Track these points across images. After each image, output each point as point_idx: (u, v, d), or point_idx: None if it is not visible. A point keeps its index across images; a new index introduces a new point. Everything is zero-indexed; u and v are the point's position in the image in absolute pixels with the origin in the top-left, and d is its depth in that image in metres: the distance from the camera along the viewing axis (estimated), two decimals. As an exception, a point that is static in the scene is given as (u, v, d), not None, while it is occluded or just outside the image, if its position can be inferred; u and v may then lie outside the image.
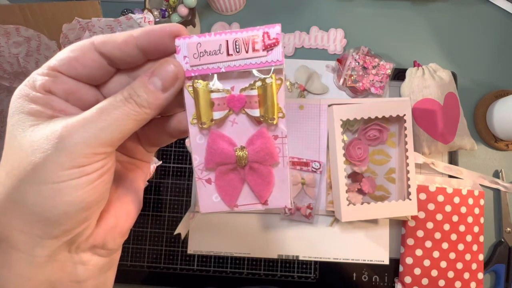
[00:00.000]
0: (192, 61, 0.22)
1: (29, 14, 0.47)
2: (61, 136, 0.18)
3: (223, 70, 0.22)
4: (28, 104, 0.20)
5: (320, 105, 0.58)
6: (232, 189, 0.24)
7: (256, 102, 0.22)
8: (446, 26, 0.64)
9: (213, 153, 0.23)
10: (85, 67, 0.21)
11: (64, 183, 0.18)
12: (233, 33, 0.21)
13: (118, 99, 0.20)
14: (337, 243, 0.58)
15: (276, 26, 0.21)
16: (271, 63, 0.22)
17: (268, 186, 0.24)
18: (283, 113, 0.22)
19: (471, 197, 0.56)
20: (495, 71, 0.63)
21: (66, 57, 0.20)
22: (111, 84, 0.23)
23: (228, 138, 0.23)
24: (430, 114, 0.56)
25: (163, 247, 0.58)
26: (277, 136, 0.23)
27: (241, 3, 0.64)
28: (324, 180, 0.57)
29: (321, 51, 0.64)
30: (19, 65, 0.49)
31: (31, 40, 0.47)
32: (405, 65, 0.61)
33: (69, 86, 0.21)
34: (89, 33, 0.46)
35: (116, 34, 0.21)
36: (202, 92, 0.22)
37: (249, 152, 0.23)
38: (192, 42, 0.21)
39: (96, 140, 0.19)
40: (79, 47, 0.21)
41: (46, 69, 0.20)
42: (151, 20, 0.43)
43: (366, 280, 0.57)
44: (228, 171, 0.24)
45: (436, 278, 0.54)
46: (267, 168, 0.23)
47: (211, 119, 0.22)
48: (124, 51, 0.21)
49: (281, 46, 0.22)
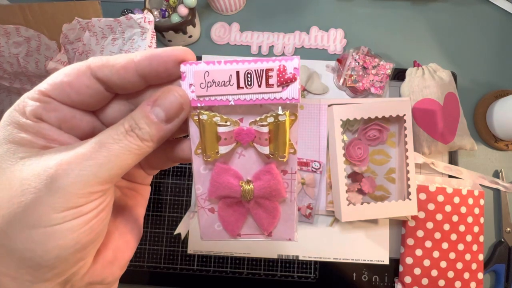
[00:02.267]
0: (199, 91, 0.20)
1: (29, 14, 0.47)
2: (55, 174, 0.17)
3: (232, 103, 0.20)
4: (18, 132, 0.18)
5: (320, 105, 0.58)
6: (235, 220, 0.23)
7: (266, 140, 0.20)
8: (446, 26, 0.64)
9: (217, 187, 0.22)
10: (80, 93, 0.19)
11: (57, 226, 0.17)
12: (246, 63, 0.19)
13: (118, 132, 0.18)
14: (337, 243, 0.58)
15: (294, 58, 0.19)
16: (285, 100, 0.19)
17: (273, 220, 0.23)
18: (294, 149, 0.21)
19: (471, 197, 0.56)
20: (495, 71, 0.63)
21: (59, 82, 0.19)
22: (109, 110, 0.21)
23: (234, 171, 0.22)
24: (430, 114, 0.56)
25: (163, 247, 0.58)
26: (286, 172, 0.22)
27: (241, 3, 0.64)
28: (324, 180, 0.57)
29: (321, 51, 0.64)
30: (19, 65, 0.49)
31: (31, 40, 0.47)
32: (405, 65, 0.61)
33: (62, 113, 0.19)
34: (89, 33, 0.46)
35: (115, 58, 0.19)
36: (208, 125, 0.20)
37: (256, 187, 0.22)
38: (200, 70, 0.19)
39: (94, 179, 0.17)
40: (73, 71, 0.19)
41: (38, 93, 0.18)
42: (151, 20, 0.43)
43: (366, 280, 0.57)
44: (232, 204, 0.23)
45: (436, 278, 0.54)
46: (273, 203, 0.22)
47: (216, 152, 0.21)
48: (123, 77, 0.19)
49: (298, 82, 0.19)
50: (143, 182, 0.25)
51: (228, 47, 0.64)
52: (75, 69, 0.19)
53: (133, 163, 0.19)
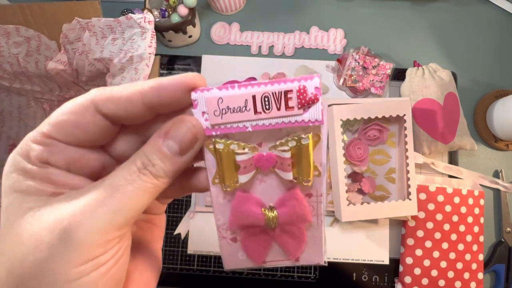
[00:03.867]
0: (213, 119, 0.18)
1: (29, 14, 0.47)
2: (68, 227, 0.15)
3: (250, 129, 0.18)
4: (24, 180, 0.17)
5: (320, 105, 0.58)
6: (260, 247, 0.22)
7: (289, 165, 0.19)
8: (446, 26, 0.64)
9: (239, 216, 0.20)
10: (86, 132, 0.18)
11: (76, 282, 0.15)
12: (262, 85, 0.18)
13: (131, 171, 0.17)
14: (337, 243, 0.58)
15: (314, 77, 0.18)
16: (308, 123, 0.18)
17: (300, 245, 0.21)
18: (319, 171, 0.20)
19: (471, 197, 0.56)
20: (495, 71, 0.63)
21: (62, 122, 0.17)
22: (117, 143, 0.20)
23: (256, 198, 0.20)
24: (430, 114, 0.56)
25: (163, 247, 0.58)
26: (311, 195, 0.21)
27: (241, 3, 0.64)
28: (324, 180, 0.57)
29: (321, 51, 0.64)
30: (19, 65, 0.49)
31: (31, 40, 0.47)
32: (405, 65, 0.61)
33: (69, 154, 0.18)
34: (89, 33, 0.46)
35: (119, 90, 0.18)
36: (225, 154, 0.19)
37: (280, 214, 0.20)
38: (212, 97, 0.18)
39: (110, 226, 0.16)
40: (77, 108, 0.17)
41: (41, 136, 0.17)
42: (151, 20, 0.43)
43: (366, 280, 0.57)
44: (256, 232, 0.21)
45: (436, 278, 0.54)
46: (300, 229, 0.21)
47: (235, 181, 0.20)
48: (129, 110, 0.18)
49: (321, 102, 0.18)
50: (157, 212, 0.24)
51: (228, 47, 0.64)
52: (78, 105, 0.17)
53: (150, 202, 0.18)
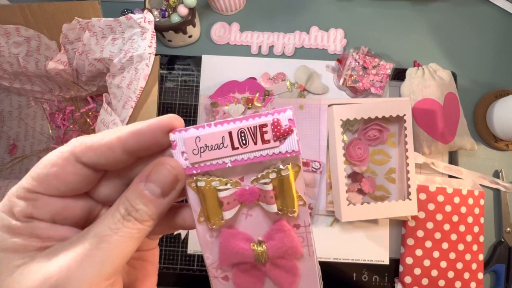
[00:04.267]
0: (192, 158, 0.19)
1: (29, 14, 0.47)
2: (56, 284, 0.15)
3: (229, 165, 0.19)
4: (10, 237, 0.17)
5: (320, 105, 0.58)
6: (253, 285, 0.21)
7: (272, 197, 0.19)
8: (446, 26, 0.64)
9: (228, 254, 0.20)
10: (68, 183, 0.18)
11: None
12: (237, 121, 0.18)
13: (115, 220, 0.17)
14: (337, 243, 0.58)
15: (287, 110, 0.18)
16: (285, 154, 0.19)
17: (293, 279, 0.21)
18: (304, 200, 0.20)
19: (471, 197, 0.56)
20: (495, 71, 0.63)
21: (43, 175, 0.17)
22: (101, 188, 0.20)
23: (243, 234, 0.20)
24: (430, 114, 0.56)
25: (163, 247, 0.58)
26: (299, 225, 0.21)
27: (241, 3, 0.64)
28: (324, 180, 0.57)
29: (321, 51, 0.64)
30: (19, 65, 0.49)
31: (31, 40, 0.47)
32: (405, 65, 0.61)
33: (53, 206, 0.18)
34: (89, 33, 0.46)
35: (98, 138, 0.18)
36: (207, 191, 0.19)
37: (269, 248, 0.20)
38: (190, 137, 0.18)
39: (98, 277, 0.16)
40: (56, 160, 0.17)
41: (24, 191, 0.17)
42: (151, 20, 0.43)
43: (366, 280, 0.57)
44: (247, 269, 0.21)
45: (436, 278, 0.54)
46: (291, 262, 0.21)
47: (221, 218, 0.20)
48: (110, 158, 0.18)
49: (296, 133, 0.18)
50: (149, 248, 0.24)
51: (228, 47, 0.64)
52: (58, 158, 0.18)
53: (137, 246, 0.18)
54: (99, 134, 0.18)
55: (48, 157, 0.18)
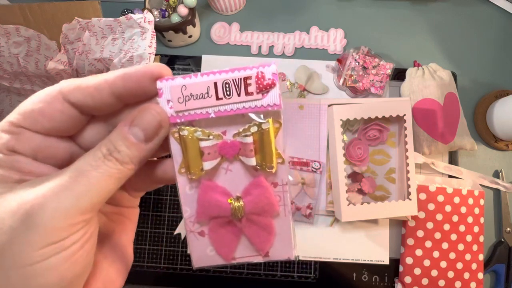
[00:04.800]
0: (177, 106, 0.19)
1: (29, 14, 0.47)
2: (31, 210, 0.15)
3: (212, 115, 0.19)
4: None
5: (320, 105, 0.58)
6: (228, 241, 0.22)
7: (251, 151, 0.20)
8: (446, 26, 0.64)
9: (205, 206, 0.21)
10: (53, 120, 0.18)
11: (38, 265, 0.15)
12: (223, 73, 0.19)
13: (96, 157, 0.17)
14: (337, 243, 0.58)
15: (271, 64, 0.19)
16: (267, 107, 0.19)
17: (268, 238, 0.21)
18: (282, 158, 0.20)
19: (471, 197, 0.56)
20: (495, 71, 0.63)
21: (29, 111, 0.18)
22: (86, 133, 0.20)
23: (222, 188, 0.21)
24: (430, 114, 0.56)
25: (163, 247, 0.58)
26: (277, 184, 0.21)
27: (241, 3, 0.64)
28: (324, 180, 0.57)
29: (321, 51, 0.64)
30: (19, 65, 0.49)
31: (31, 40, 0.47)
32: (405, 65, 0.61)
33: (36, 143, 0.18)
34: (89, 33, 0.46)
35: (87, 79, 0.18)
36: (190, 140, 0.19)
37: (246, 203, 0.20)
38: (176, 85, 0.19)
39: (73, 210, 0.16)
40: (44, 97, 0.18)
41: (8, 125, 0.17)
42: (151, 20, 0.43)
43: (366, 280, 0.57)
44: (223, 224, 0.21)
45: (436, 278, 0.54)
46: (267, 219, 0.21)
47: (201, 169, 0.20)
48: (97, 99, 0.18)
49: (278, 87, 0.19)
50: (129, 205, 0.24)
51: (228, 47, 0.64)
52: (46, 95, 0.18)
53: (115, 188, 0.18)
54: (88, 77, 0.18)
55: (36, 94, 0.18)
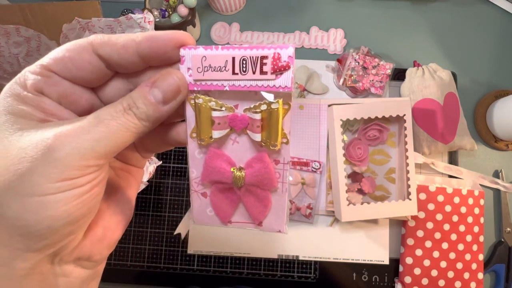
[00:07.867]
0: (196, 75, 0.20)
1: (29, 14, 0.47)
2: (52, 145, 0.17)
3: (227, 88, 0.20)
4: (18, 104, 0.18)
5: (320, 105, 0.58)
6: (227, 206, 0.23)
7: (258, 127, 0.21)
8: (446, 26, 0.64)
9: (210, 171, 0.22)
10: (81, 69, 0.19)
11: (51, 196, 0.17)
12: (242, 49, 0.20)
13: (117, 109, 0.19)
14: (337, 243, 0.58)
15: (289, 47, 0.19)
16: (278, 89, 0.20)
17: (264, 209, 0.23)
18: (287, 139, 0.21)
19: (471, 197, 0.56)
20: (495, 71, 0.63)
21: (61, 57, 0.19)
22: (108, 88, 0.21)
23: (227, 157, 0.22)
24: (430, 114, 0.56)
25: (163, 247, 0.58)
26: (279, 161, 0.22)
27: (241, 3, 0.64)
28: (324, 180, 0.57)
29: (321, 51, 0.64)
30: (19, 65, 0.49)
31: (31, 40, 0.47)
32: (405, 65, 0.61)
33: (63, 88, 0.19)
34: (89, 33, 0.46)
35: (117, 36, 0.19)
36: (203, 109, 0.21)
37: (247, 175, 0.22)
38: (197, 55, 0.20)
39: (90, 152, 0.17)
40: (76, 47, 0.19)
41: (39, 67, 0.19)
42: (151, 20, 0.43)
43: (366, 280, 0.57)
44: (224, 189, 0.23)
45: (436, 278, 0.54)
46: (265, 192, 0.22)
47: (210, 137, 0.21)
48: (123, 56, 0.19)
49: (292, 71, 0.19)
50: (137, 165, 0.26)
51: (228, 47, 0.64)
52: (77, 45, 0.19)
53: (130, 141, 0.19)
54: (118, 35, 0.20)
55: (68, 43, 0.19)
